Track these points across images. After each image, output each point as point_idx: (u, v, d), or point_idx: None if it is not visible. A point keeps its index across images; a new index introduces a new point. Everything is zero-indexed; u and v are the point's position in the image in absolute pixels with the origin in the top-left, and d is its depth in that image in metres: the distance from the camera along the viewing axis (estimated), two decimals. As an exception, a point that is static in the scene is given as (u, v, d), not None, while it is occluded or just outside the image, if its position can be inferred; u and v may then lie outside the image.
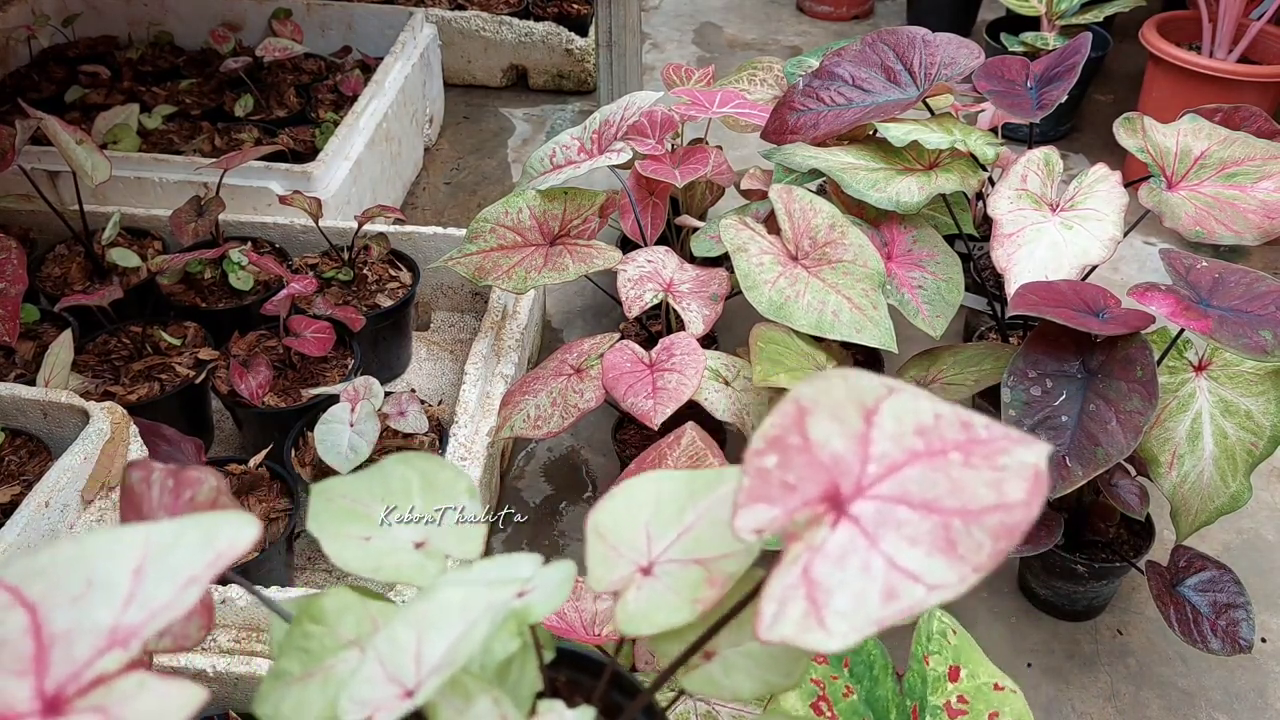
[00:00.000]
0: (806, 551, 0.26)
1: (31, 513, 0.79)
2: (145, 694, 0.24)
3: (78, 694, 0.24)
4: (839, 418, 0.27)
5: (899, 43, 1.11)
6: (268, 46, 1.64)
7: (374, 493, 0.36)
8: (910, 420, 0.27)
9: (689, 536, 0.31)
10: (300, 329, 1.11)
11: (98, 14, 1.84)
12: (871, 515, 0.26)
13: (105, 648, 0.25)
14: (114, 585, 0.26)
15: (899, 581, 0.25)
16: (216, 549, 0.27)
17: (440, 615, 0.28)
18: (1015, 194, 0.95)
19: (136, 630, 0.25)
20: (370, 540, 0.35)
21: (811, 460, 0.27)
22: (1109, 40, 1.93)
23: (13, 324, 1.03)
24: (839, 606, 0.25)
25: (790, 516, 0.27)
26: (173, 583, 0.27)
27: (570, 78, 2.03)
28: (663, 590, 0.30)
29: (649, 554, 0.31)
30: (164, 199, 1.36)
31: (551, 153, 1.17)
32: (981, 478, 0.26)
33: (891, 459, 0.27)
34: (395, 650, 0.28)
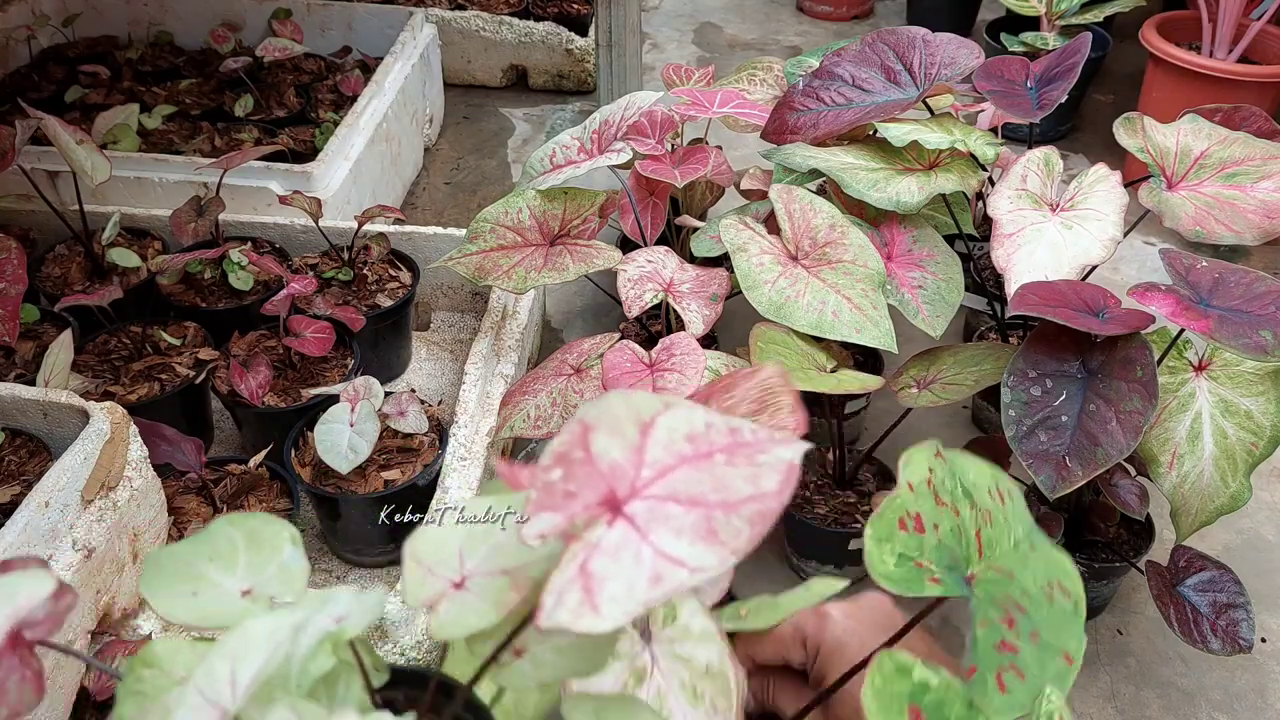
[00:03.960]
0: (584, 549, 0.29)
1: (31, 513, 0.79)
2: None
3: None
4: (618, 432, 0.31)
5: (899, 43, 1.11)
6: (268, 46, 1.64)
7: (201, 554, 0.39)
8: (683, 429, 0.31)
9: (497, 551, 0.35)
10: (300, 329, 1.11)
11: (98, 14, 1.84)
12: (643, 513, 0.30)
13: None
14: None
15: (665, 567, 0.28)
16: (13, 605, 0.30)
17: (249, 644, 0.31)
18: (1015, 194, 0.95)
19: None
20: (197, 595, 0.37)
21: (592, 471, 0.31)
22: (1109, 40, 1.93)
23: (13, 324, 1.03)
24: (611, 593, 0.28)
25: (571, 520, 0.30)
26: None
27: (570, 78, 2.03)
28: (472, 599, 0.33)
29: (461, 571, 0.35)
30: (164, 199, 1.36)
31: (551, 153, 1.17)
32: (741, 474, 0.30)
33: (663, 464, 0.31)
34: (212, 680, 0.30)
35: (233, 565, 0.39)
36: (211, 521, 0.40)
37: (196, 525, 1.01)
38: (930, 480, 0.42)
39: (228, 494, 1.03)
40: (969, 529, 0.42)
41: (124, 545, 0.88)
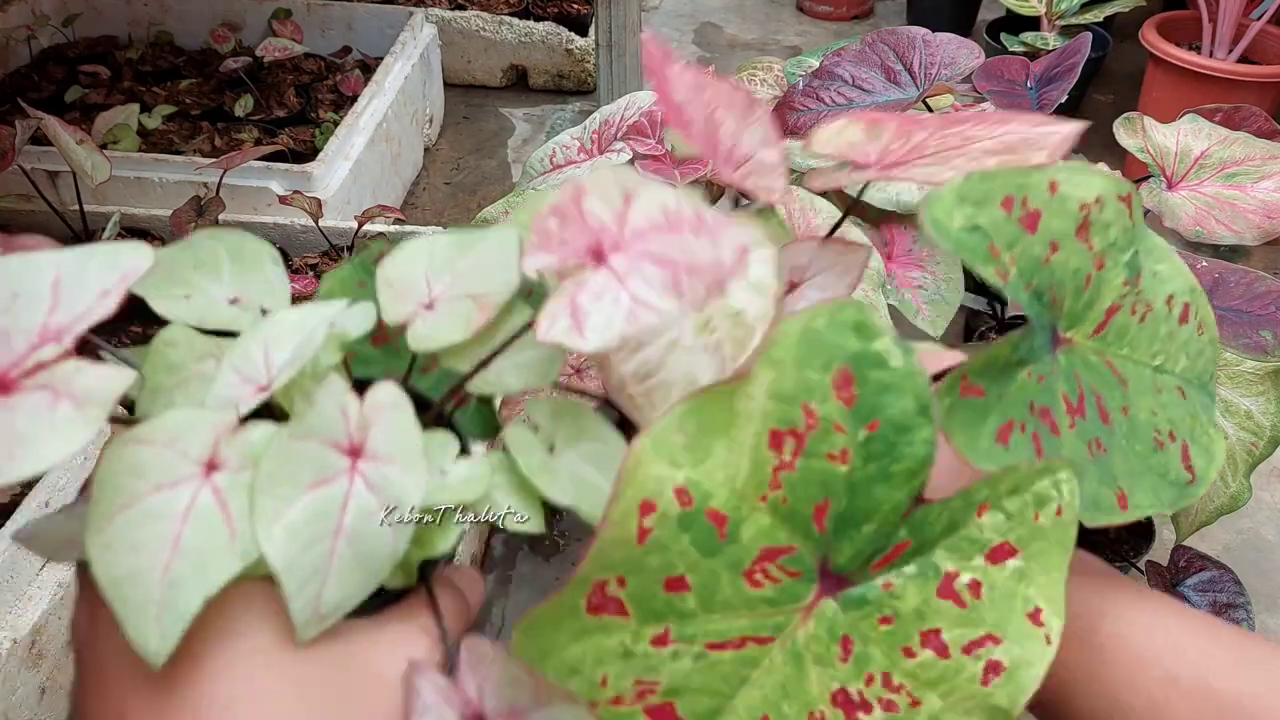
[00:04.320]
0: (573, 286, 0.34)
1: (32, 513, 0.79)
2: (84, 374, 0.30)
3: (23, 376, 0.29)
4: (606, 198, 0.36)
5: (899, 43, 1.11)
6: (268, 46, 1.64)
7: (186, 261, 0.42)
8: (658, 203, 0.36)
9: (461, 279, 0.39)
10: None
11: (98, 14, 1.84)
12: (623, 265, 0.34)
13: (39, 342, 0.30)
14: (38, 296, 0.31)
15: (638, 309, 0.33)
16: (124, 269, 0.33)
17: (281, 331, 0.35)
18: (1015, 194, 0.95)
19: (66, 328, 0.30)
20: (190, 299, 0.40)
21: (583, 226, 0.35)
22: (1109, 40, 1.93)
23: (13, 324, 1.03)
24: (594, 323, 0.33)
25: (564, 262, 0.35)
26: (89, 294, 0.32)
27: (570, 78, 2.03)
28: (442, 317, 0.38)
29: (429, 294, 0.39)
30: (164, 199, 1.36)
31: (551, 153, 1.17)
32: (705, 245, 0.35)
33: (641, 229, 0.35)
34: (247, 361, 0.35)
35: (218, 275, 0.41)
36: (193, 234, 0.43)
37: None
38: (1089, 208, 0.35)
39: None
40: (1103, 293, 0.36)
41: (124, 545, 0.88)
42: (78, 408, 0.29)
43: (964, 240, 0.33)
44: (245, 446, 0.33)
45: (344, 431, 0.34)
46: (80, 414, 0.29)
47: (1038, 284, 0.34)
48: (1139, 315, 0.37)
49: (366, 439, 0.34)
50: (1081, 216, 0.35)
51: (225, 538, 0.31)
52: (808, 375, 0.31)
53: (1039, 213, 0.34)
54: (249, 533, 0.31)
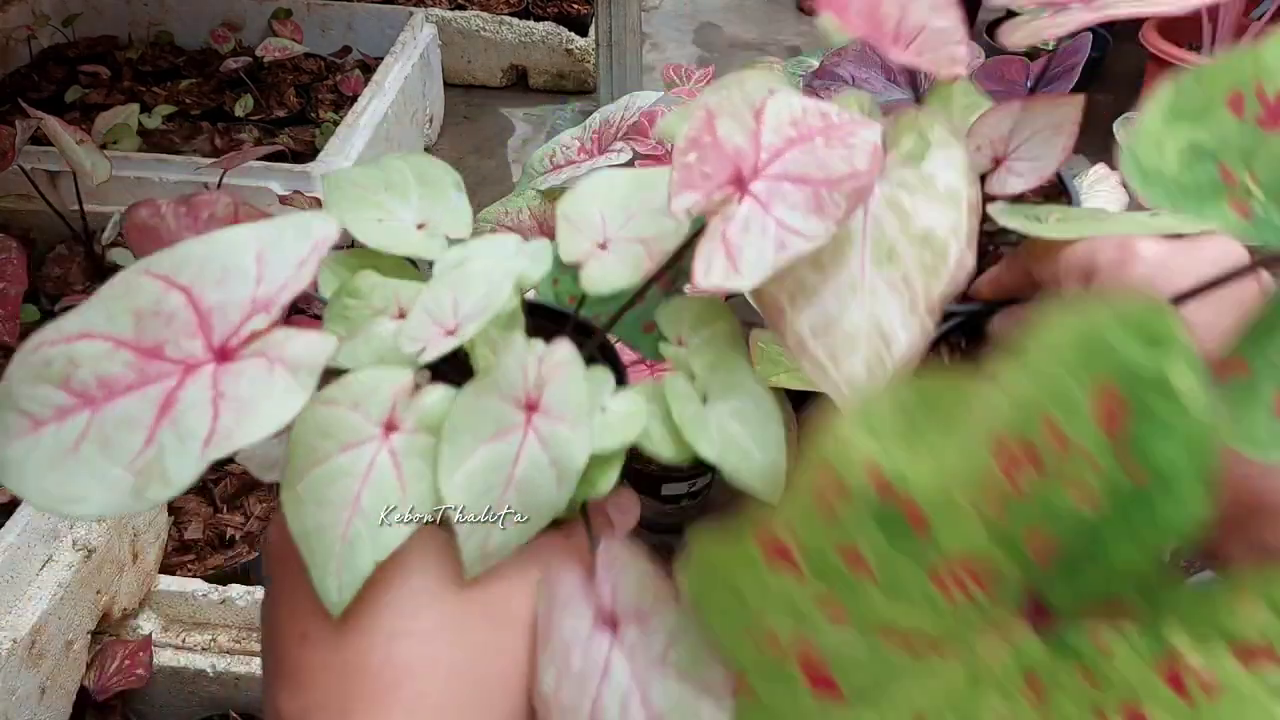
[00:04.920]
0: (722, 222, 0.33)
1: (32, 513, 0.79)
2: (293, 341, 0.32)
3: (239, 345, 0.31)
4: (737, 118, 0.35)
5: (899, 43, 1.11)
6: (268, 46, 1.64)
7: (377, 182, 0.43)
8: (786, 114, 0.35)
9: (633, 222, 0.39)
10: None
11: (98, 14, 1.84)
12: (764, 191, 0.34)
13: (251, 313, 0.32)
14: (244, 270, 0.33)
15: (786, 236, 0.32)
16: (314, 238, 0.34)
17: (469, 280, 0.37)
18: (1015, 194, 0.95)
19: (272, 299, 0.32)
20: (383, 221, 0.41)
21: (720, 154, 0.34)
22: (1109, 40, 1.93)
23: (13, 324, 1.03)
24: (748, 258, 0.32)
25: (709, 197, 0.34)
26: (288, 265, 0.33)
27: (570, 78, 2.03)
28: (614, 261, 0.38)
29: (604, 234, 0.40)
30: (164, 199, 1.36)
31: (551, 153, 1.17)
32: (838, 154, 0.34)
33: (775, 147, 0.34)
34: (437, 305, 0.36)
35: (406, 197, 0.42)
36: (385, 156, 0.44)
37: (196, 525, 1.01)
38: None
39: (227, 493, 1.03)
40: None
41: (124, 545, 0.88)
42: (292, 373, 0.31)
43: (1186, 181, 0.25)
44: (420, 411, 0.35)
45: (522, 388, 0.35)
46: (295, 379, 0.31)
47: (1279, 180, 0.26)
48: None
49: (542, 396, 0.35)
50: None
51: (397, 499, 0.34)
52: (1065, 385, 0.24)
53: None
54: (419, 494, 0.34)
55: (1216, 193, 0.25)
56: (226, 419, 0.30)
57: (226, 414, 0.30)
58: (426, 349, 0.35)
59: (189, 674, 0.88)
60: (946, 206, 0.35)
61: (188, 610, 0.92)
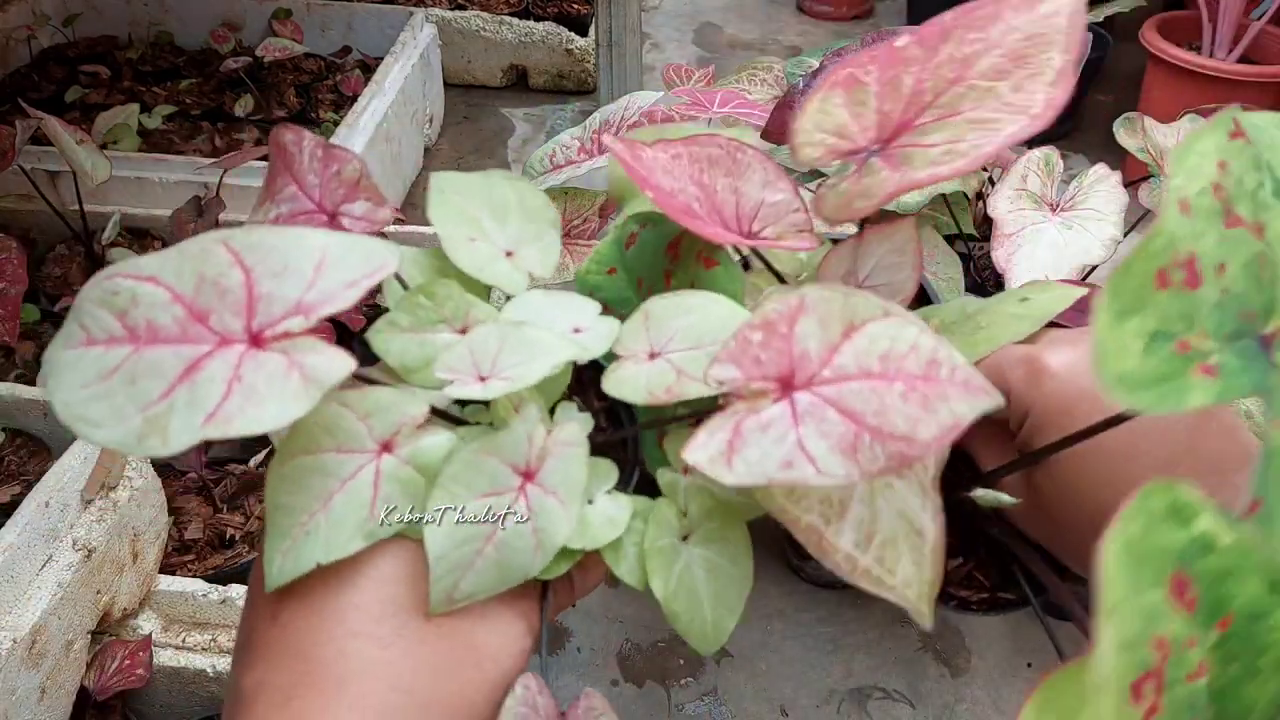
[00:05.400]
0: (745, 412, 0.33)
1: (32, 513, 0.79)
2: (316, 351, 0.33)
3: (271, 339, 0.33)
4: (824, 324, 0.33)
5: (899, 43, 1.11)
6: (268, 46, 1.64)
7: (480, 200, 0.44)
8: (882, 346, 0.33)
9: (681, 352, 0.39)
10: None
11: (98, 14, 1.84)
12: (806, 405, 0.32)
13: (292, 313, 0.33)
14: (302, 272, 0.34)
15: (798, 458, 0.31)
16: (372, 266, 0.35)
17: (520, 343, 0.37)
18: (1015, 194, 0.95)
19: (314, 307, 0.34)
20: (475, 242, 0.42)
21: (785, 349, 0.33)
22: (1109, 40, 1.93)
23: (13, 324, 1.03)
24: (747, 458, 0.32)
25: (748, 382, 0.33)
26: (341, 281, 0.34)
27: (570, 78, 2.03)
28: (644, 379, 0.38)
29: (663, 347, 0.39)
30: (164, 199, 1.36)
31: (551, 153, 1.17)
32: (907, 411, 0.31)
33: (845, 370, 0.33)
34: (483, 349, 0.37)
35: (504, 222, 0.43)
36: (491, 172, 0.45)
37: (196, 525, 1.01)
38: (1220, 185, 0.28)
39: (228, 494, 1.03)
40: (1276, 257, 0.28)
41: (124, 545, 0.88)
42: (304, 382, 0.32)
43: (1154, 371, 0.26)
44: (417, 447, 0.37)
45: (525, 455, 0.37)
46: (304, 389, 0.32)
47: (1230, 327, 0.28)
48: None
49: (542, 467, 0.37)
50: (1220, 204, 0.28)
51: (363, 518, 0.35)
52: (1147, 600, 0.25)
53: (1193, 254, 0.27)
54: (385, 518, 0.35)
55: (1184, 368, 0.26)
56: (233, 403, 0.31)
57: (234, 398, 0.31)
58: (455, 385, 0.36)
59: (189, 674, 0.88)
60: None
61: (188, 610, 0.92)
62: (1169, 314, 0.26)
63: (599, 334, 0.39)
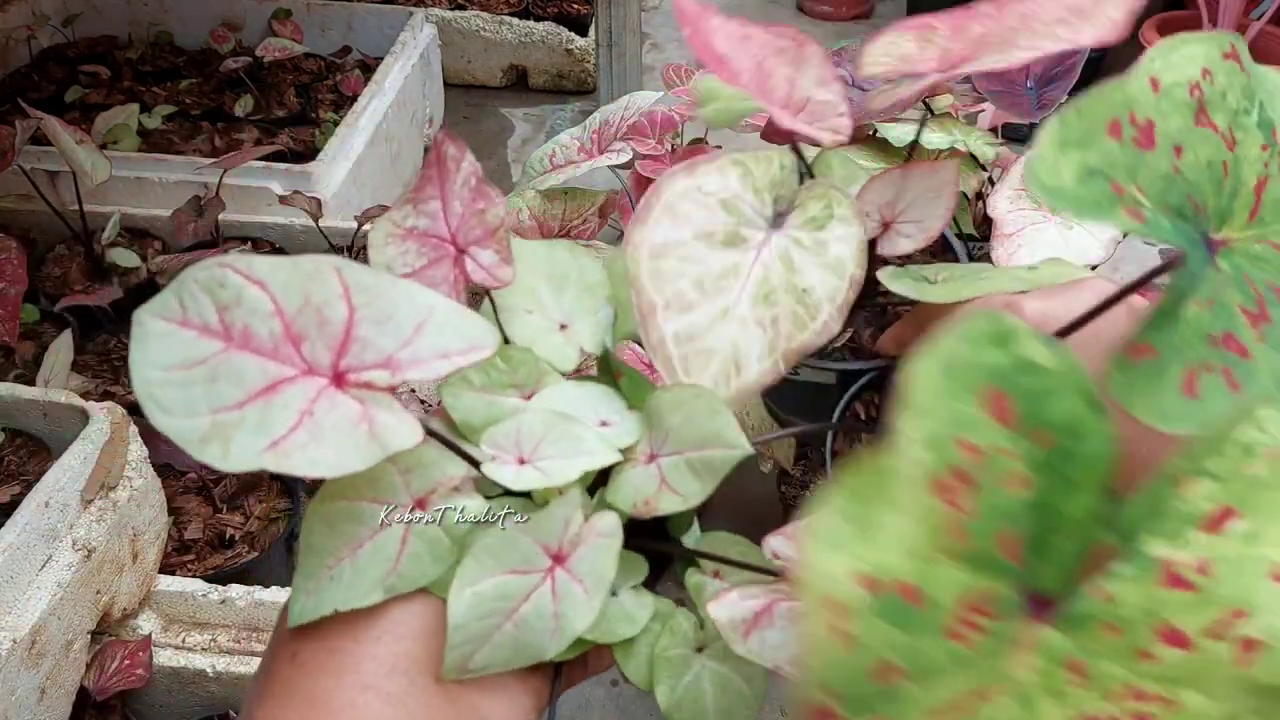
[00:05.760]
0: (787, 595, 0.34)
1: (32, 513, 0.79)
2: (390, 412, 0.32)
3: (353, 383, 0.33)
4: None
5: (899, 43, 1.11)
6: (268, 46, 1.64)
7: (541, 268, 0.43)
8: None
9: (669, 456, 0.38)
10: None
11: (98, 14, 1.84)
12: None
13: (382, 365, 0.33)
14: (402, 328, 0.34)
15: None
16: (470, 344, 0.34)
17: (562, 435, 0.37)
18: (1015, 194, 0.95)
19: (403, 366, 0.33)
20: (531, 314, 0.42)
21: None
22: (1109, 40, 1.93)
23: (13, 324, 1.03)
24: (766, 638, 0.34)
25: None
26: (436, 350, 0.34)
27: (570, 78, 2.03)
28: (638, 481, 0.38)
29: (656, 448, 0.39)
30: (164, 199, 1.36)
31: (551, 153, 1.17)
32: None
33: None
34: (529, 433, 0.37)
35: (561, 293, 0.43)
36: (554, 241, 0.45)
37: (196, 525, 1.01)
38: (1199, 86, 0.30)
39: (227, 494, 1.03)
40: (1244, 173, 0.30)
41: (124, 545, 0.88)
42: (370, 438, 0.32)
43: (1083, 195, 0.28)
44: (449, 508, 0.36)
45: (558, 539, 0.36)
46: (368, 444, 0.31)
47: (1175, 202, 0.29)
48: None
49: (573, 553, 0.36)
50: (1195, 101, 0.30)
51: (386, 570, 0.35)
52: (956, 409, 0.27)
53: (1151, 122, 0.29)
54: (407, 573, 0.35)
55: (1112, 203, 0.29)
56: (298, 436, 0.31)
57: (301, 433, 0.31)
58: (496, 460, 0.36)
59: (189, 674, 0.88)
60: (830, 274, 0.37)
61: (188, 610, 0.92)
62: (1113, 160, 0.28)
63: (626, 430, 0.39)
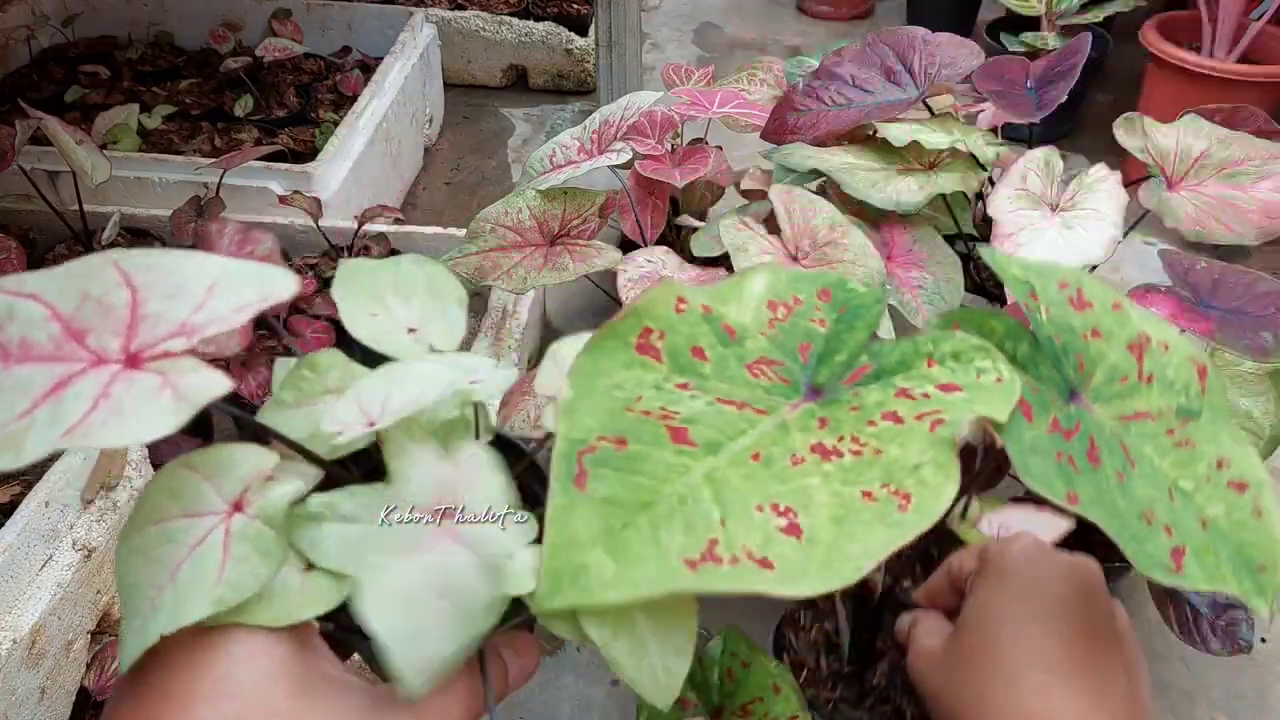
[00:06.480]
0: None
1: (31, 512, 0.79)
2: (193, 372, 0.32)
3: (149, 359, 0.33)
4: None
5: (899, 43, 1.11)
6: (268, 46, 1.64)
7: (388, 281, 0.45)
8: None
9: None
10: (301, 329, 1.11)
11: (98, 14, 1.84)
12: None
13: (175, 334, 0.33)
14: (193, 294, 0.34)
15: None
16: (265, 290, 0.35)
17: (407, 378, 0.38)
18: (1015, 194, 0.95)
19: (198, 328, 0.33)
20: (377, 317, 0.43)
21: None
22: (1109, 40, 1.93)
23: (13, 324, 1.03)
24: None
25: None
26: (231, 304, 0.34)
27: (570, 78, 2.03)
28: None
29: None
30: (164, 199, 1.36)
31: (551, 153, 1.17)
32: None
33: None
34: (370, 394, 0.37)
35: (409, 301, 0.44)
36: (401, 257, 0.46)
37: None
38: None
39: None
40: None
41: (124, 545, 0.88)
42: (175, 399, 0.32)
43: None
44: (267, 499, 0.35)
45: (435, 497, 0.35)
46: (174, 406, 0.31)
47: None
48: None
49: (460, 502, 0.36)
50: None
51: (211, 582, 0.33)
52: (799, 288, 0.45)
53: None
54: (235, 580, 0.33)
55: None
56: (96, 417, 0.30)
57: (98, 413, 0.30)
58: (344, 433, 0.35)
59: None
60: None
61: (188, 610, 0.92)
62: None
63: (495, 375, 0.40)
